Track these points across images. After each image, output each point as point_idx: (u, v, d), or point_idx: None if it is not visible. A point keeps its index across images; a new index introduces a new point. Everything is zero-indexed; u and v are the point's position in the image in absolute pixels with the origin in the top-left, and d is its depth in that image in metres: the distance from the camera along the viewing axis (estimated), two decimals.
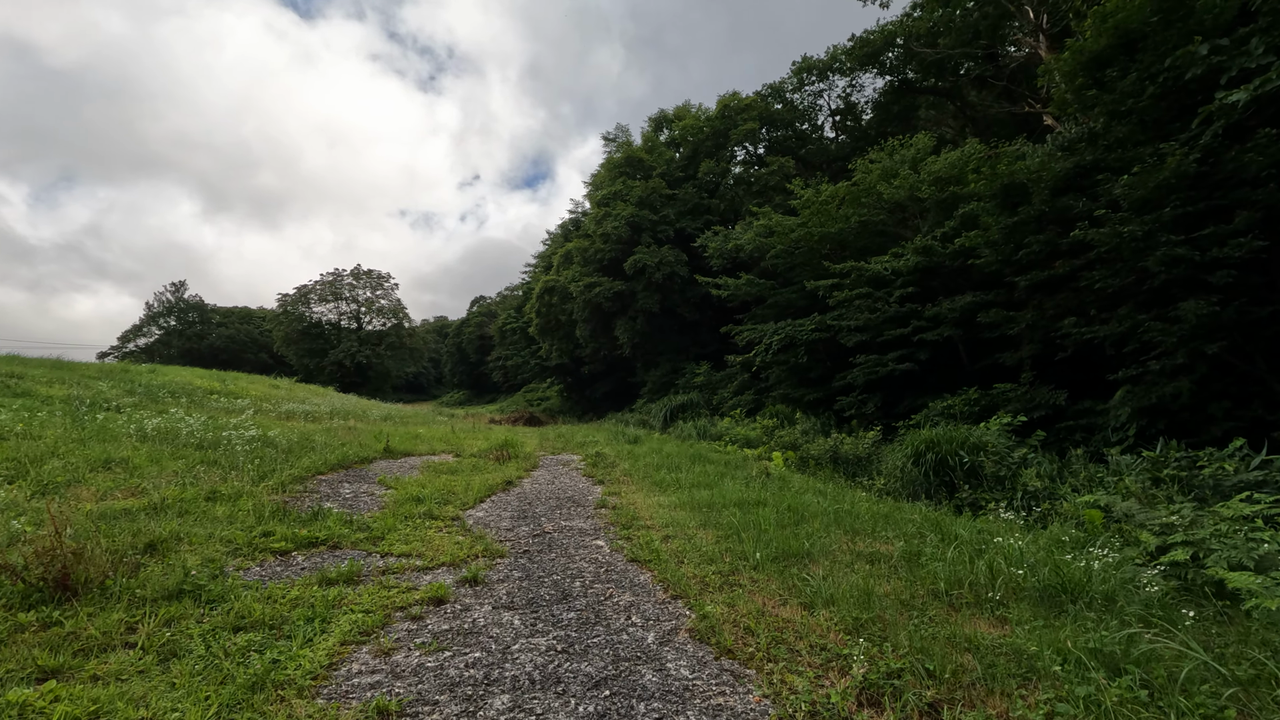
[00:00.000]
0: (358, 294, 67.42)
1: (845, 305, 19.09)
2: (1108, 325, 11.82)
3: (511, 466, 11.07)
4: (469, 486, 8.56)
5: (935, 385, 17.59)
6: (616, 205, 31.79)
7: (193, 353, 78.45)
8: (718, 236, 26.40)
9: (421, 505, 7.11)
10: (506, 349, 65.57)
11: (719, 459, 12.71)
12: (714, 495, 7.64)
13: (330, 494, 8.12)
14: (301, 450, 11.27)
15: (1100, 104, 11.71)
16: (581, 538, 6.08)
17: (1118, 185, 10.75)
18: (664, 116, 37.62)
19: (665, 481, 8.98)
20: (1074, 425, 13.34)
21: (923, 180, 18.25)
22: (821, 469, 12.71)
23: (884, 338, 17.51)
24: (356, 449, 12.28)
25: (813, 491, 8.60)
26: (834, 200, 21.60)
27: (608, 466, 11.23)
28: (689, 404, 24.88)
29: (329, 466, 10.27)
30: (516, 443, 13.99)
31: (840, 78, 36.59)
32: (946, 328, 16.32)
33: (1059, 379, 14.07)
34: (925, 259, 17.38)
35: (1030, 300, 14.40)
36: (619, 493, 8.49)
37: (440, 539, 5.74)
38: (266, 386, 29.00)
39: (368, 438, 14.17)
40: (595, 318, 33.71)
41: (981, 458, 9.09)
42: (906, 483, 9.61)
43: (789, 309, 23.53)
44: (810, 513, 6.64)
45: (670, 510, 7.14)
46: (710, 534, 5.92)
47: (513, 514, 7.23)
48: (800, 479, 10.21)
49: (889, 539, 5.75)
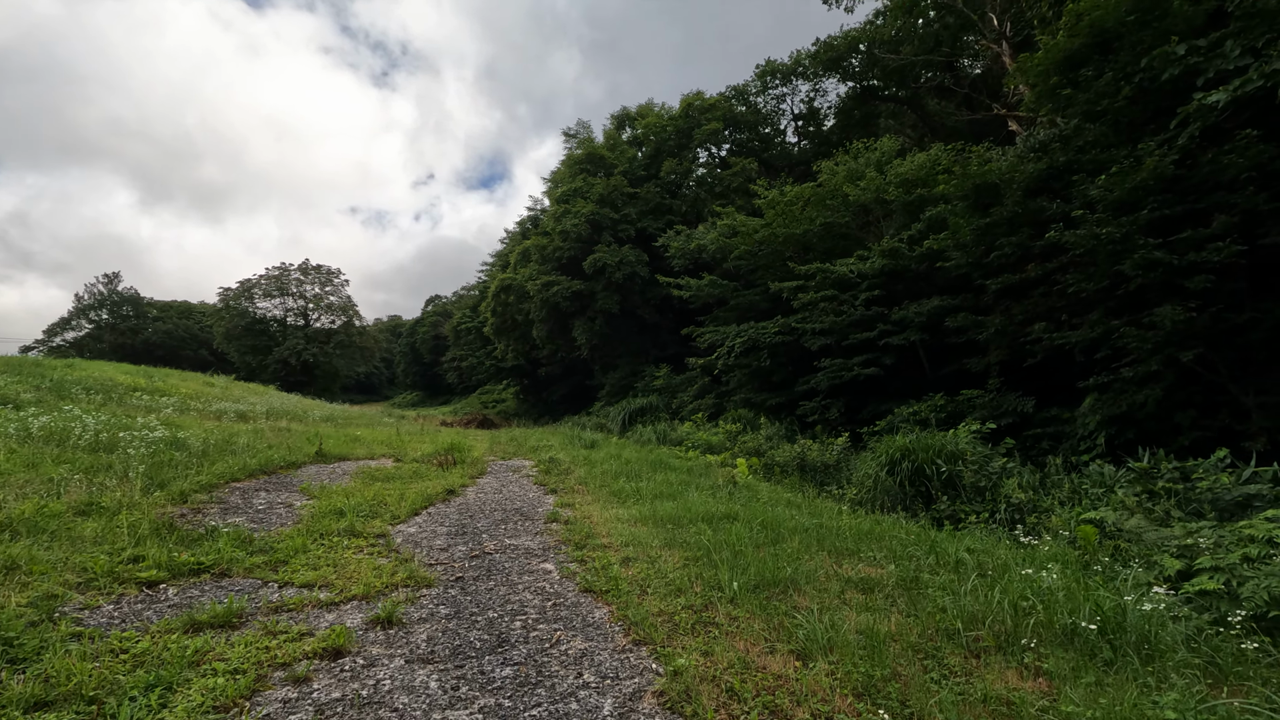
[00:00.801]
0: (305, 290, 64.62)
1: (810, 308, 18.63)
2: (1079, 331, 11.53)
3: (456, 473, 10.10)
4: (404, 497, 7.60)
5: (899, 391, 17.24)
6: (576, 203, 30.89)
7: (126, 348, 74.09)
8: (680, 236, 25.77)
9: (344, 519, 6.14)
10: (461, 349, 63.82)
11: (681, 465, 11.98)
12: (679, 508, 6.87)
13: (240, 505, 7.06)
14: (219, 454, 10.09)
15: (1075, 104, 11.43)
16: (528, 560, 5.22)
17: (1094, 186, 10.44)
18: (627, 114, 36.91)
19: (624, 491, 8.18)
20: (1041, 433, 13.06)
21: (889, 182, 17.94)
22: (788, 477, 12.10)
23: (849, 341, 17.08)
24: (284, 453, 11.12)
25: (784, 503, 7.92)
26: (799, 201, 21.18)
27: (561, 474, 10.37)
28: (648, 407, 24.14)
29: (247, 473, 9.15)
30: (464, 447, 12.99)
31: (804, 82, 36.58)
32: (913, 332, 15.96)
33: (1026, 385, 13.81)
34: (891, 262, 17.03)
35: (998, 305, 14.12)
36: (573, 504, 7.65)
37: (358, 563, 4.81)
38: (200, 384, 27.12)
39: (300, 440, 12.97)
40: (553, 318, 32.69)
41: (960, 467, 8.57)
42: (880, 493, 9.03)
43: (752, 311, 23.02)
44: (787, 529, 5.93)
45: (630, 525, 6.33)
46: (677, 555, 5.14)
47: (450, 530, 6.32)
48: (768, 488, 9.54)
49: (878, 560, 5.07)
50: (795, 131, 40.05)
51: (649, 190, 32.46)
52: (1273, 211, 9.08)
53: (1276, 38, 9.17)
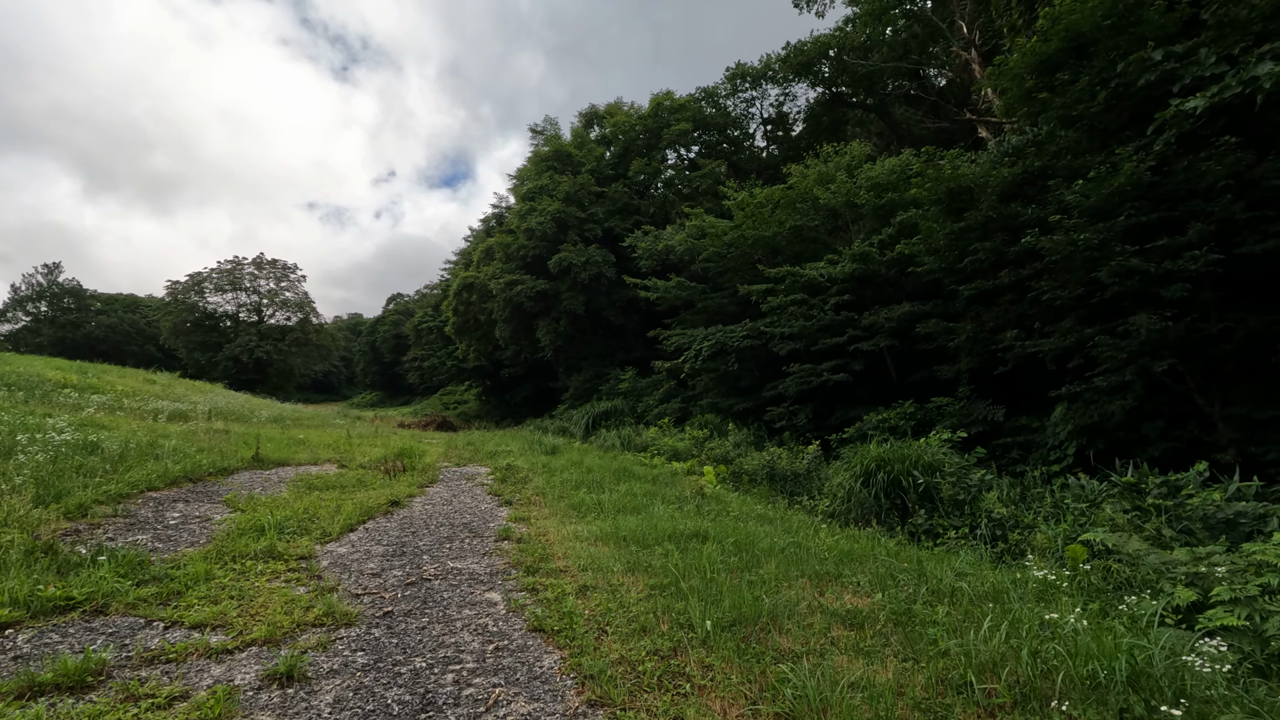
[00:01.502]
0: (259, 285, 62.28)
1: (779, 312, 18.29)
2: (1051, 339, 11.35)
3: (403, 481, 9.35)
4: (340, 509, 6.85)
5: (868, 398, 17.01)
6: (542, 200, 30.14)
7: (67, 342, 70.35)
8: (648, 237, 25.27)
9: (264, 538, 5.40)
10: (423, 349, 62.21)
11: (646, 474, 11.42)
12: (644, 524, 6.30)
13: (149, 520, 6.23)
14: (139, 459, 9.14)
15: (1050, 109, 11.25)
16: (472, 588, 4.58)
17: (1070, 192, 10.24)
18: (595, 112, 36.29)
19: (585, 504, 7.56)
20: (1011, 442, 12.88)
21: (860, 186, 17.73)
22: (757, 486, 11.64)
23: (818, 346, 16.78)
24: (215, 457, 10.20)
25: (756, 518, 7.41)
26: (768, 204, 20.87)
27: (519, 482, 9.70)
28: (613, 411, 23.55)
29: (168, 480, 8.26)
30: (416, 451, 12.21)
31: (773, 86, 36.49)
32: (883, 337, 15.72)
33: (996, 394, 13.64)
34: (862, 266, 16.79)
35: (969, 312, 13.93)
36: (529, 518, 7.01)
37: (268, 595, 4.11)
38: (140, 381, 25.57)
39: (237, 443, 12.02)
40: (516, 318, 31.85)
41: (938, 479, 8.18)
42: (855, 505, 8.60)
43: (720, 315, 22.64)
44: (762, 549, 5.40)
45: (590, 544, 5.73)
46: (641, 582, 4.56)
47: (388, 549, 5.63)
48: (738, 500, 9.03)
49: (863, 587, 4.58)
50: (764, 136, 40.00)
51: (617, 190, 31.90)
52: (1249, 220, 8.95)
53: (1251, 45, 9.07)
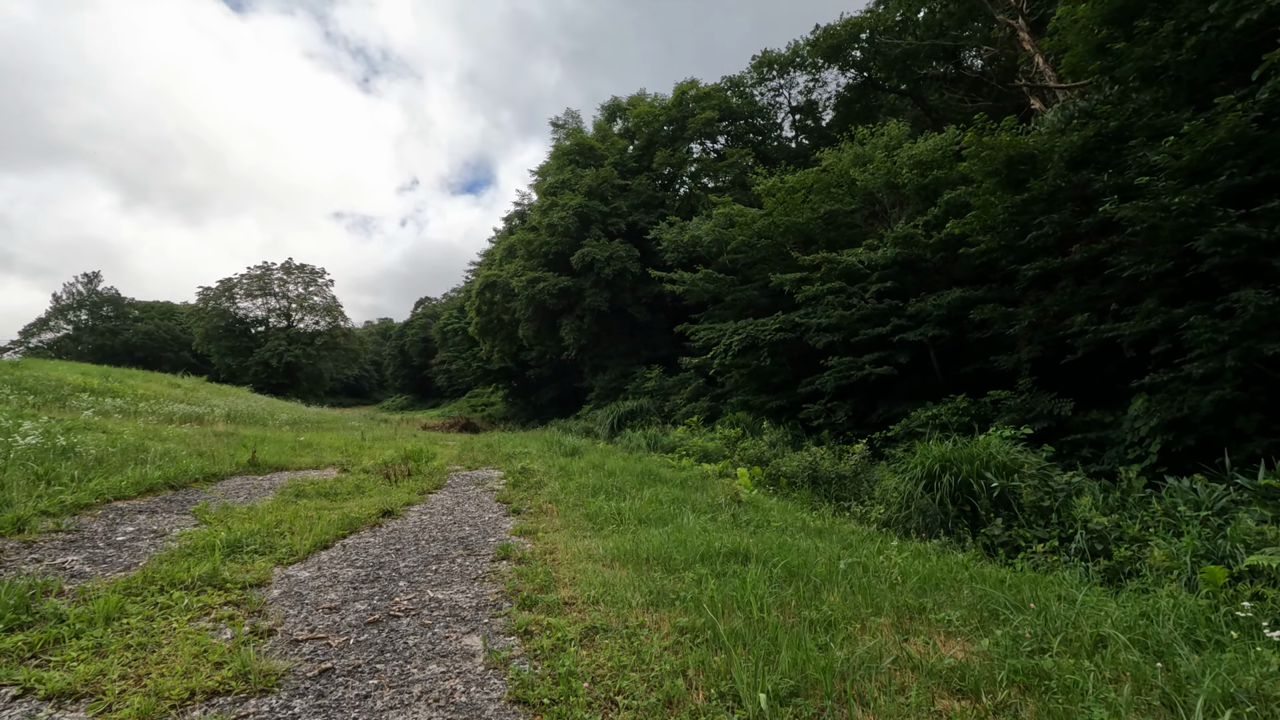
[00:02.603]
0: (288, 289, 62.62)
1: (814, 302, 17.07)
2: (1131, 322, 10.00)
3: (404, 488, 8.43)
4: (319, 521, 5.93)
5: (908, 393, 15.72)
6: (564, 195, 29.25)
7: (106, 349, 71.77)
8: (673, 228, 24.18)
9: (211, 560, 4.47)
10: (449, 351, 61.93)
11: (673, 477, 10.36)
12: (671, 538, 5.24)
13: (97, 535, 5.38)
14: (119, 464, 8.39)
15: (1128, 61, 9.91)
16: (449, 629, 3.57)
17: (1156, 151, 8.90)
18: (617, 105, 35.32)
19: (603, 514, 6.52)
20: (1081, 439, 11.54)
21: (902, 165, 16.42)
22: (797, 490, 10.49)
23: (858, 338, 15.52)
24: (206, 462, 9.42)
25: (803, 530, 6.30)
26: (801, 189, 19.66)
27: (531, 488, 8.71)
28: (639, 410, 22.51)
29: (143, 488, 7.46)
30: (424, 454, 11.31)
31: (801, 74, 35.11)
32: (930, 327, 14.42)
33: (1060, 385, 12.29)
34: (905, 250, 15.50)
35: (1029, 295, 12.59)
36: (536, 531, 6.00)
37: (178, 643, 3.15)
38: (164, 385, 25.36)
39: (238, 446, 11.27)
40: (539, 316, 31.00)
41: (1015, 482, 6.97)
42: (915, 512, 7.43)
43: (750, 307, 21.44)
44: (819, 574, 4.31)
45: (605, 566, 4.70)
46: (667, 623, 3.50)
47: (360, 573, 4.66)
48: (778, 506, 7.91)
49: (958, 627, 3.47)
50: (792, 125, 38.61)
51: (640, 182, 30.87)
52: None
53: None
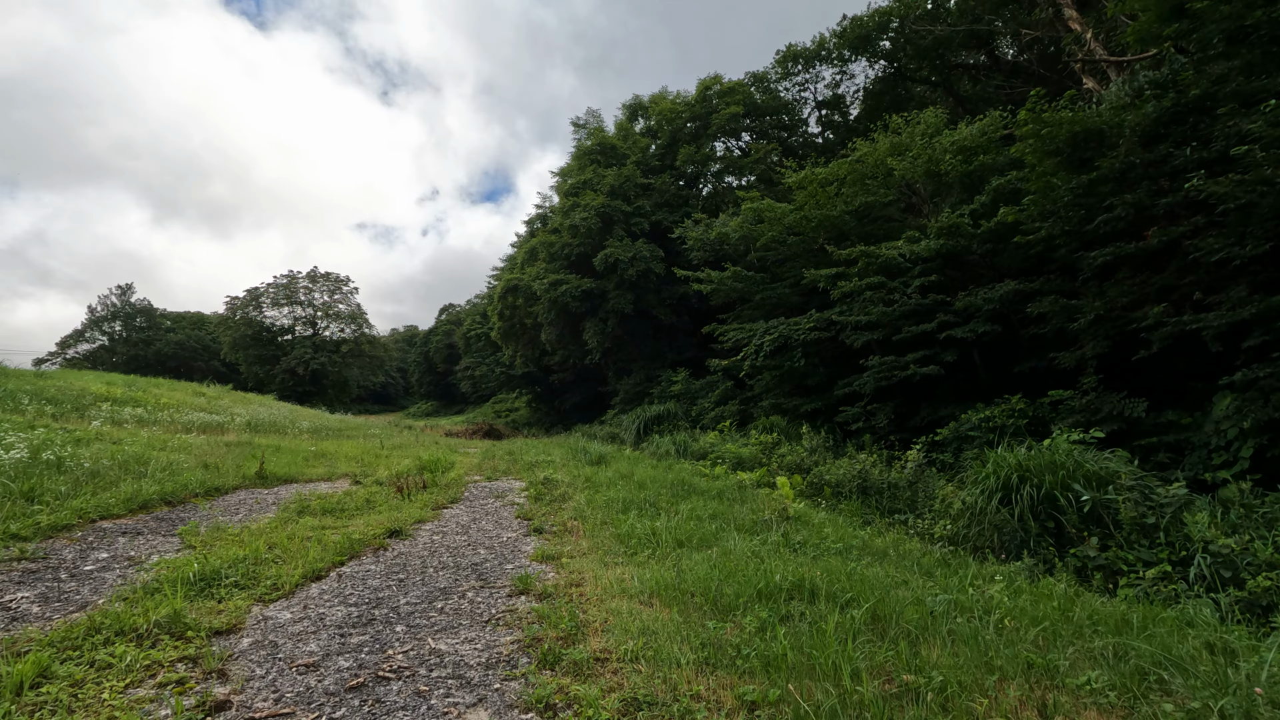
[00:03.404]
0: (314, 298, 63.06)
1: (851, 299, 16.13)
2: (1218, 313, 8.95)
3: (418, 502, 7.74)
4: (314, 544, 5.25)
5: (953, 393, 14.70)
6: (586, 195, 28.61)
7: (139, 360, 73.03)
8: (699, 225, 23.36)
9: (174, 600, 3.79)
10: (473, 357, 61.82)
11: (708, 487, 9.56)
12: (718, 567, 4.45)
13: (65, 564, 4.75)
14: (116, 478, 7.85)
15: (1211, 23, 8.90)
16: (448, 700, 2.84)
17: (1251, 119, 7.90)
18: (639, 103, 34.63)
19: (635, 534, 5.75)
20: (1156, 443, 10.47)
21: (945, 151, 15.42)
22: (843, 500, 9.60)
23: (901, 335, 14.54)
24: (209, 475, 8.86)
25: (866, 551, 5.46)
26: (833, 180, 18.73)
27: (555, 501, 7.97)
28: (666, 415, 21.71)
29: (134, 505, 6.88)
30: (442, 464, 10.66)
31: (827, 67, 34.08)
32: (979, 323, 13.40)
33: (1129, 384, 11.24)
34: (949, 242, 14.49)
35: (1091, 286, 11.55)
36: (560, 555, 5.25)
37: None
38: (189, 394, 25.27)
39: (247, 457, 10.73)
40: (562, 320, 30.38)
41: (1111, 494, 6.04)
42: (990, 529, 6.53)
43: (781, 306, 20.53)
44: (910, 620, 3.48)
45: (642, 605, 3.92)
46: (728, 694, 2.72)
47: (352, 613, 3.95)
48: (830, 523, 7.06)
49: (1110, 701, 2.62)
50: (818, 121, 37.56)
51: (664, 181, 30.13)
52: None
53: None
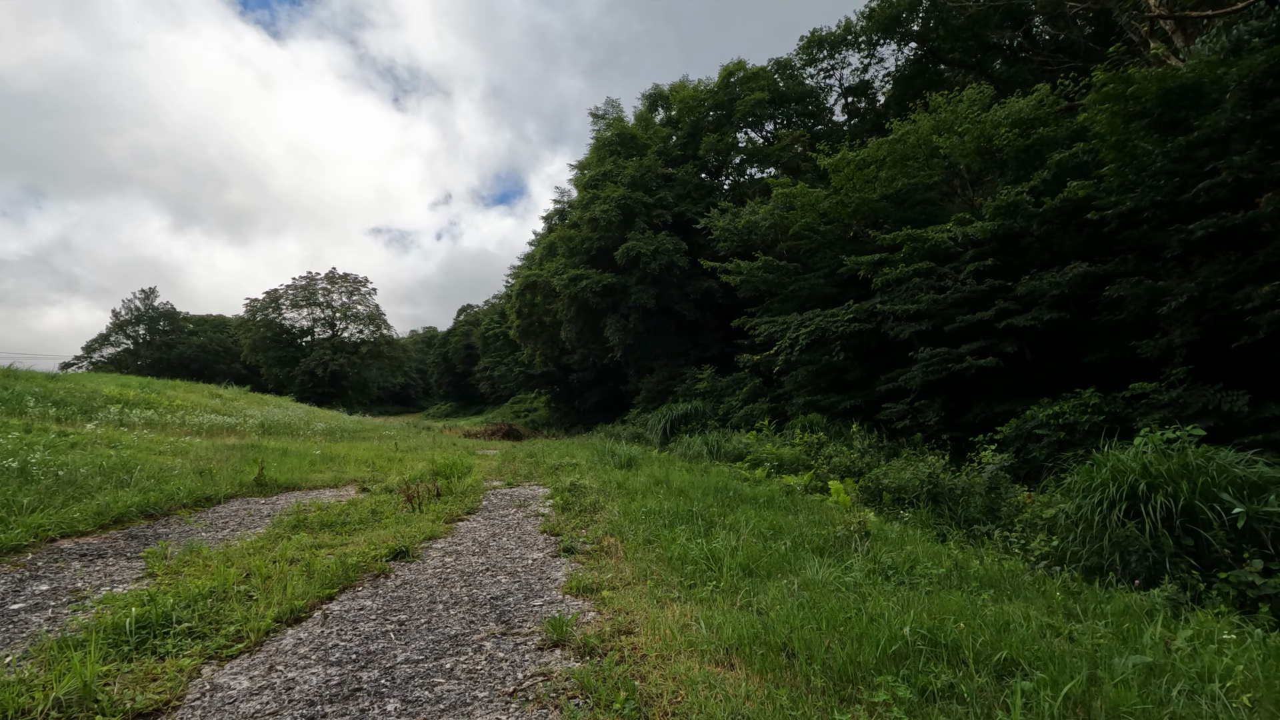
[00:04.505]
0: (332, 299, 62.79)
1: (895, 287, 14.97)
2: None
3: (429, 513, 6.78)
4: (297, 574, 4.30)
5: (1008, 387, 13.50)
6: (606, 187, 27.61)
7: (162, 363, 73.37)
8: (725, 215, 22.24)
9: (90, 662, 2.85)
10: (491, 357, 61.14)
11: (753, 493, 8.51)
12: (808, 608, 3.40)
13: None
14: (96, 487, 7.00)
15: None
16: None
17: None
18: (659, 93, 33.56)
19: (688, 556, 4.71)
20: (1261, 440, 9.21)
21: (1000, 124, 14.18)
22: (907, 509, 8.48)
23: (954, 325, 13.36)
24: (202, 482, 8.00)
25: (969, 576, 4.38)
26: (870, 163, 17.56)
27: (585, 512, 6.96)
28: (693, 414, 20.65)
29: (107, 520, 5.99)
30: (458, 468, 9.71)
31: (854, 52, 32.75)
32: (1043, 309, 12.19)
33: (1223, 375, 10.01)
34: (1007, 222, 13.27)
35: (1170, 267, 10.32)
36: (600, 586, 4.23)
37: None
38: (205, 396, 24.72)
39: (246, 462, 9.88)
40: (582, 316, 29.43)
41: (1273, 506, 4.90)
42: (1110, 547, 5.40)
43: (813, 298, 19.36)
44: (1116, 700, 2.41)
45: (722, 669, 2.90)
46: None
47: (329, 678, 2.98)
48: (911, 538, 5.98)
49: None
50: (844, 109, 36.21)
51: (686, 171, 29.05)
52: None
53: None
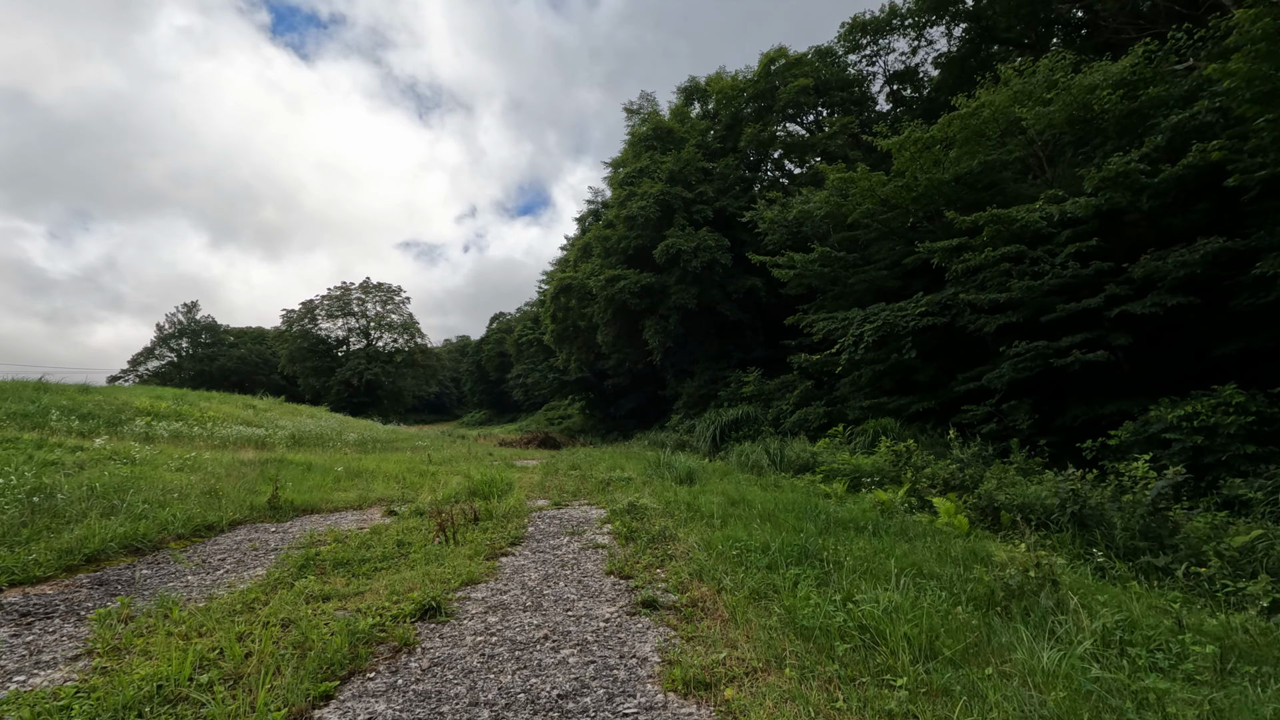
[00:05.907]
0: (367, 309, 62.93)
1: (975, 274, 13.36)
2: None
3: (465, 546, 5.52)
4: (286, 654, 3.08)
5: (1106, 386, 11.83)
6: (643, 183, 26.35)
7: (204, 375, 74.34)
8: (774, 206, 20.77)
9: None
10: (525, 364, 60.37)
11: (846, 514, 7.09)
12: None
13: None
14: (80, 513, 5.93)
15: None
16: None
17: None
18: (695, 86, 32.22)
19: (832, 628, 3.34)
20: None
21: (1100, 87, 12.48)
22: (1035, 531, 6.96)
23: (1051, 315, 11.73)
24: (206, 506, 6.89)
25: (1214, 642, 2.91)
26: (937, 142, 15.94)
27: (656, 543, 5.62)
28: (744, 419, 19.18)
29: (77, 559, 4.90)
30: (498, 485, 8.45)
31: (900, 38, 30.94)
32: (1163, 294, 10.50)
33: None
34: (1111, 197, 11.59)
35: None
36: (716, 681, 2.88)
37: None
38: (238, 407, 24.11)
39: (262, 480, 8.78)
40: (619, 319, 28.17)
41: None
42: None
43: (873, 292, 17.77)
44: None
45: None
46: None
47: None
48: (1098, 585, 4.51)
49: None
50: (888, 97, 34.36)
51: (726, 165, 27.64)
52: None
53: None
